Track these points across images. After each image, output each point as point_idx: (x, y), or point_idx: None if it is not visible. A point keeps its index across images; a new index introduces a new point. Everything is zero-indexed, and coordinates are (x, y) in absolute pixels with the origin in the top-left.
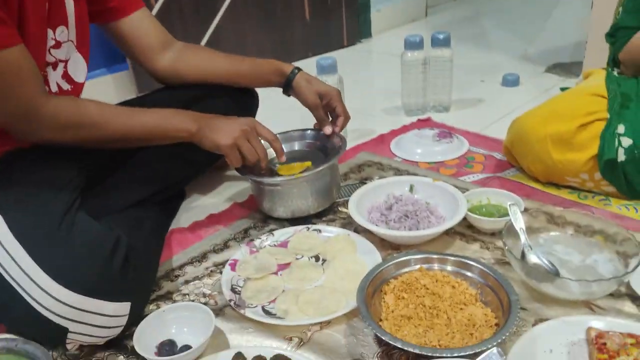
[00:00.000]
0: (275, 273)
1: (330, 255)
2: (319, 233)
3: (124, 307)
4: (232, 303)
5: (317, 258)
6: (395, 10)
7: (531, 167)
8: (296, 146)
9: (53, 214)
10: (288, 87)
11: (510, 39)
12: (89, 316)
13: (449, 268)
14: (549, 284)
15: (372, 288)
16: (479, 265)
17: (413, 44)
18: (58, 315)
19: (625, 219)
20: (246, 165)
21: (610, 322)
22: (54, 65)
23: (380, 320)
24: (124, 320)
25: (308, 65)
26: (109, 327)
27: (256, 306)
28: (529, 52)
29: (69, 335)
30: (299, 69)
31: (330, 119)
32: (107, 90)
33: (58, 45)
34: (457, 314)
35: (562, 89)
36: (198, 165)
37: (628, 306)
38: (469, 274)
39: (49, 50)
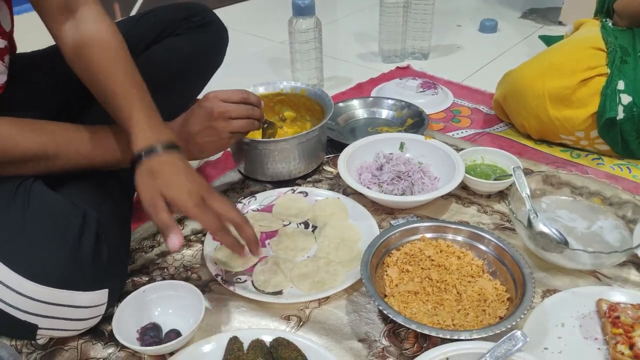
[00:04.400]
0: (262, 242)
1: (321, 222)
2: (305, 196)
3: (101, 296)
4: (219, 279)
5: (306, 224)
6: None
7: (525, 124)
8: None
9: (2, 188)
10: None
11: None
12: (61, 310)
13: (459, 238)
14: (558, 254)
15: (376, 259)
16: (488, 236)
17: None
18: (24, 312)
19: (619, 180)
20: None
21: (619, 292)
22: None
23: (385, 296)
24: (102, 310)
25: (280, 2)
26: (85, 319)
27: (245, 281)
28: None
29: (39, 332)
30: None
31: None
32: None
33: None
34: (467, 289)
35: (542, 38)
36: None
37: (634, 274)
38: (476, 244)
39: None
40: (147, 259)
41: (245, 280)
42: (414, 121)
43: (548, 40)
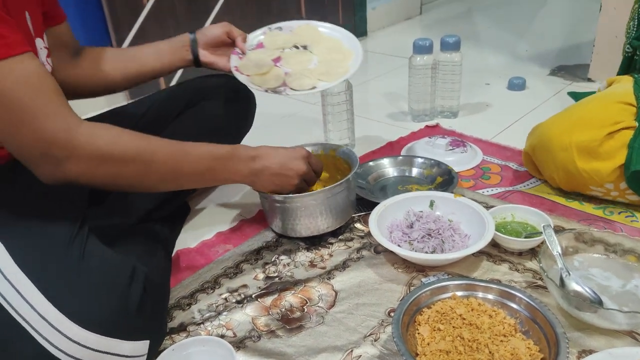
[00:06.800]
0: (275, 65)
1: (308, 41)
2: (281, 30)
3: (142, 346)
4: (269, 91)
5: (296, 47)
6: (390, 8)
7: (554, 175)
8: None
9: (60, 238)
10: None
11: (508, 37)
12: (104, 357)
13: (490, 297)
14: (592, 314)
15: (407, 317)
16: (520, 295)
17: (422, 48)
18: (70, 357)
19: None
20: None
21: None
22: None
23: (417, 354)
24: None
25: None
26: None
27: (285, 89)
28: (528, 53)
29: None
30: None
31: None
32: None
33: (50, 53)
34: (499, 348)
35: (571, 94)
36: None
37: None
38: (508, 303)
39: (46, 60)
40: (185, 316)
41: (285, 89)
42: (444, 179)
43: (577, 97)
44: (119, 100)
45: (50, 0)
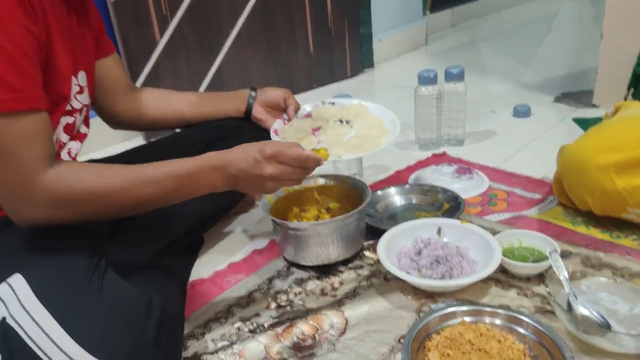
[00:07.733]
0: (313, 131)
1: (353, 117)
2: (333, 105)
3: None
4: None
5: (341, 121)
6: (396, 40)
7: (586, 197)
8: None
9: (79, 271)
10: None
11: (512, 65)
12: None
13: (498, 322)
14: (600, 338)
15: (416, 343)
16: (528, 320)
17: (427, 79)
18: None
19: None
20: None
21: None
22: (80, 111)
23: None
24: None
25: (313, 97)
26: None
27: None
28: (533, 81)
29: None
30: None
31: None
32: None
33: (82, 90)
34: None
35: (576, 120)
36: (221, 210)
37: None
38: (516, 327)
39: (75, 96)
40: (199, 346)
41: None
42: (450, 206)
43: (582, 123)
44: (137, 136)
45: (98, 33)
